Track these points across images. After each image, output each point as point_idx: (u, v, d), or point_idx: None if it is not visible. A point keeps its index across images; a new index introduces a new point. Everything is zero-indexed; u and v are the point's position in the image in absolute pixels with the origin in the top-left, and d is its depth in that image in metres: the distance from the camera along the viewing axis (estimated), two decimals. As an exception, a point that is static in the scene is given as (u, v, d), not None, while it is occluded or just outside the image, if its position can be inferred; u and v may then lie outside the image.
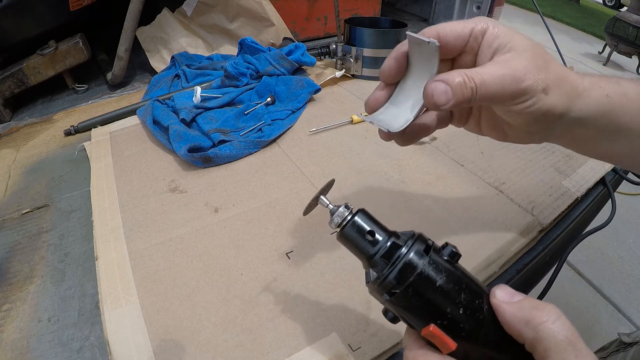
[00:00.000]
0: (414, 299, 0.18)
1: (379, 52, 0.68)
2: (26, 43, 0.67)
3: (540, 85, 0.24)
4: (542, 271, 0.46)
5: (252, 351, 0.28)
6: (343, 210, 0.22)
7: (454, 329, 0.18)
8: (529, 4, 4.55)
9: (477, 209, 0.40)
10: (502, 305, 0.20)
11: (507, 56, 0.25)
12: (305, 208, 0.25)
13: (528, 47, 0.25)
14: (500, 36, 0.26)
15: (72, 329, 0.31)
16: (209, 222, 0.39)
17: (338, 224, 0.21)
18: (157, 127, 0.54)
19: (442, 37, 0.26)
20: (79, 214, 0.42)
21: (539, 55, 0.25)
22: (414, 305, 0.18)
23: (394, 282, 0.18)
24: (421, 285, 0.18)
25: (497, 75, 0.24)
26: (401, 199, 0.41)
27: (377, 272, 0.20)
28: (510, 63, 0.24)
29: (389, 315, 0.20)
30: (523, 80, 0.24)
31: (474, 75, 0.24)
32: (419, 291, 0.18)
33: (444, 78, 0.24)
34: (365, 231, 0.21)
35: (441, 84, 0.24)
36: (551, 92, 0.25)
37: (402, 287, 0.18)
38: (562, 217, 0.42)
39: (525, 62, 0.24)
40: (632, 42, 3.36)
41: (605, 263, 1.49)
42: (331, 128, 0.55)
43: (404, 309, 0.19)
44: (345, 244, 0.21)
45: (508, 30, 0.26)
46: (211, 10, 0.75)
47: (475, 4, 0.99)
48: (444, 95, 0.24)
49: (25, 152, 0.55)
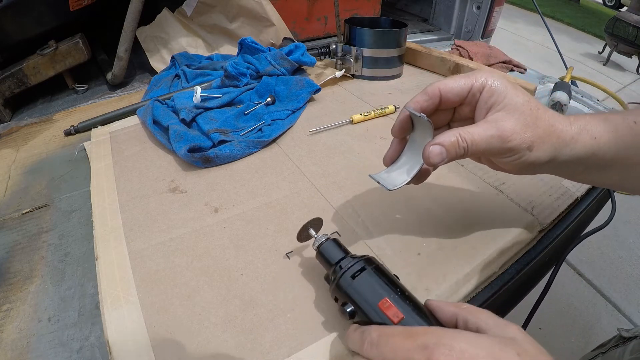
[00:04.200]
0: (366, 282, 0.26)
1: (379, 52, 0.68)
2: (26, 43, 0.67)
3: (525, 144, 0.28)
4: (542, 271, 0.46)
5: (252, 351, 0.28)
6: (321, 237, 0.31)
7: (399, 303, 0.25)
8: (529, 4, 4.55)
9: (477, 209, 0.40)
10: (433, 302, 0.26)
11: (498, 115, 0.28)
12: (297, 234, 0.32)
13: (519, 105, 0.28)
14: (496, 93, 0.29)
15: (72, 329, 0.31)
16: (209, 222, 0.39)
17: (316, 247, 0.30)
18: (157, 127, 0.54)
19: (443, 95, 0.30)
20: (79, 214, 0.42)
21: (529, 112, 0.28)
22: (367, 287, 0.26)
23: (356, 269, 0.27)
24: (368, 275, 0.27)
25: (486, 135, 0.28)
26: (401, 199, 0.41)
27: (336, 274, 0.28)
28: (499, 123, 0.28)
29: (347, 310, 0.26)
30: (509, 141, 0.28)
31: (466, 136, 0.28)
32: (368, 278, 0.27)
33: (439, 141, 0.28)
34: (331, 251, 0.30)
35: (436, 147, 0.28)
36: (536, 148, 0.28)
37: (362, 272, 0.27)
38: (562, 217, 0.42)
39: (514, 122, 0.28)
40: (632, 42, 3.36)
41: (605, 263, 1.49)
42: (331, 128, 0.55)
43: (361, 292, 0.26)
44: (319, 258, 0.30)
45: (504, 87, 0.29)
46: (211, 10, 0.75)
47: (475, 4, 0.99)
48: (439, 156, 0.28)
49: (25, 152, 0.55)
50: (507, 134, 0.28)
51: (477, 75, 0.30)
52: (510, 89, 0.29)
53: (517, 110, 0.28)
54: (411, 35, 1.03)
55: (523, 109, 0.28)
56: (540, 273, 0.46)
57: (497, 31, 1.09)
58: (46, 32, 0.67)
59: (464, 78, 0.30)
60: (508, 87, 0.29)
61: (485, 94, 0.29)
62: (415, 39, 1.01)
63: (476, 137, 0.28)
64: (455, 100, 0.30)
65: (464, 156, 0.29)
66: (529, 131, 0.28)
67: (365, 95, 0.65)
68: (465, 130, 0.28)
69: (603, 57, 3.85)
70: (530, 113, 0.28)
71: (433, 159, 0.28)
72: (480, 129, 0.28)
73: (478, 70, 0.31)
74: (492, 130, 0.28)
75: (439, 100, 0.30)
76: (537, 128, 0.28)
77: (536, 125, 0.28)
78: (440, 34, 1.07)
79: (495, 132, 0.28)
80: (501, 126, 0.28)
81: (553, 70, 1.72)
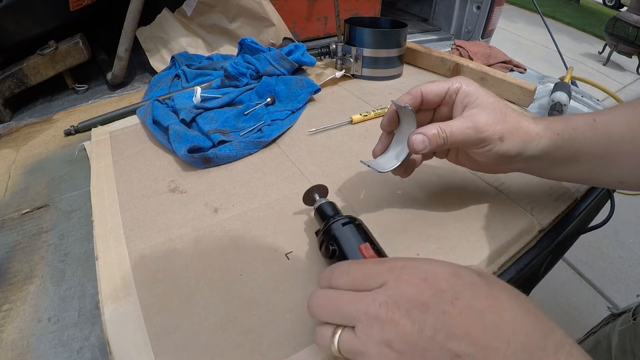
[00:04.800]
0: (353, 230, 0.31)
1: (379, 52, 0.68)
2: (26, 43, 0.67)
3: (497, 135, 0.32)
4: (542, 272, 0.46)
5: (252, 351, 0.28)
6: (319, 200, 0.36)
7: (378, 252, 0.29)
8: (529, 4, 4.55)
9: (477, 209, 0.40)
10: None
11: (473, 111, 0.33)
12: (303, 197, 0.36)
13: (490, 104, 0.33)
14: (470, 94, 0.34)
15: (72, 329, 0.31)
16: (209, 222, 0.39)
17: (317, 206, 0.35)
18: (157, 127, 0.54)
19: (424, 95, 0.35)
20: (79, 214, 0.43)
21: (498, 110, 0.33)
22: (353, 234, 0.30)
23: (347, 220, 0.32)
24: (355, 227, 0.31)
25: (463, 127, 0.32)
26: (400, 199, 0.41)
27: (329, 222, 0.32)
28: (474, 117, 0.32)
29: (331, 247, 0.30)
30: (483, 132, 0.32)
31: (445, 128, 0.32)
32: (356, 228, 0.31)
33: (422, 130, 0.32)
34: (328, 209, 0.35)
35: (419, 135, 0.32)
36: (506, 140, 0.33)
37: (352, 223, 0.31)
38: (562, 217, 0.42)
39: (486, 116, 0.32)
40: (632, 42, 3.36)
41: (605, 263, 1.49)
42: (331, 128, 0.55)
43: (347, 235, 0.30)
44: (316, 215, 0.35)
45: (476, 89, 0.34)
46: (211, 10, 0.75)
47: (475, 4, 0.99)
48: (422, 143, 0.32)
49: (25, 152, 0.55)
50: (481, 126, 0.32)
51: (453, 80, 0.35)
52: (482, 92, 0.34)
53: (488, 107, 0.33)
54: (411, 35, 1.03)
55: (493, 106, 0.33)
56: (540, 273, 0.46)
57: (497, 31, 1.09)
58: (46, 32, 0.67)
59: (442, 82, 0.35)
60: (480, 90, 0.34)
61: (461, 95, 0.34)
62: (415, 39, 1.01)
63: (454, 129, 0.32)
64: (435, 100, 0.35)
65: (444, 146, 0.32)
66: (499, 124, 0.32)
67: (365, 95, 0.65)
68: (444, 124, 0.32)
69: (603, 57, 3.86)
70: (499, 110, 0.33)
71: (417, 146, 0.32)
72: (457, 123, 0.32)
73: (454, 77, 0.35)
74: (467, 123, 0.32)
75: (421, 100, 0.35)
76: (507, 123, 0.33)
77: (505, 121, 0.33)
78: (440, 34, 1.07)
79: (471, 124, 0.32)
80: (476, 119, 0.32)
81: (553, 70, 1.72)
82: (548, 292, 1.35)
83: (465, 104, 0.34)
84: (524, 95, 0.61)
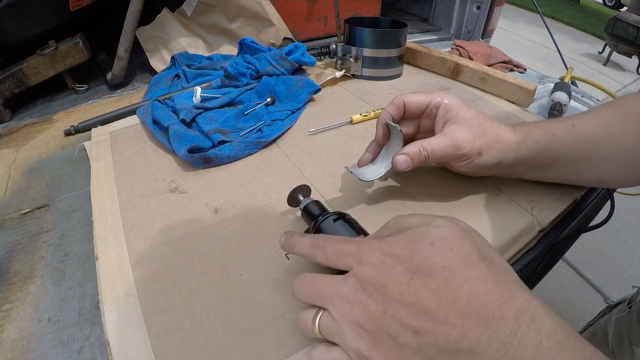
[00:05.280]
0: (344, 225, 0.31)
1: (379, 52, 0.68)
2: (26, 43, 0.67)
3: (475, 150, 0.35)
4: (541, 272, 0.46)
5: (252, 352, 0.28)
6: (304, 200, 0.36)
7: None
8: (529, 4, 4.55)
9: (477, 209, 0.40)
10: None
11: (453, 128, 0.35)
12: (287, 199, 0.36)
13: (469, 119, 0.35)
14: (450, 110, 0.36)
15: (73, 329, 0.31)
16: (209, 222, 0.39)
17: (303, 206, 0.35)
18: (157, 127, 0.54)
19: (407, 105, 0.37)
20: (79, 214, 0.43)
21: (477, 125, 0.35)
22: (345, 229, 0.31)
23: (337, 216, 0.32)
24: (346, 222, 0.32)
25: (443, 145, 0.35)
26: (400, 199, 0.41)
27: (318, 221, 0.32)
28: (454, 135, 0.35)
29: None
30: (462, 149, 0.34)
31: (427, 146, 0.35)
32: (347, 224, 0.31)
33: (405, 150, 0.35)
34: (315, 208, 0.35)
35: (402, 156, 0.35)
36: (484, 154, 0.35)
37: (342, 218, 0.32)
38: (562, 217, 0.42)
39: (466, 133, 0.34)
40: (632, 42, 3.36)
41: (605, 263, 1.50)
42: (331, 128, 0.55)
43: (338, 231, 0.31)
44: (304, 215, 0.35)
45: (457, 104, 0.36)
46: (211, 10, 0.75)
47: (475, 4, 0.99)
48: (404, 163, 0.35)
49: (25, 152, 0.55)
50: (460, 143, 0.34)
51: (435, 93, 0.37)
52: (462, 106, 0.36)
53: (467, 123, 0.35)
54: (411, 35, 1.03)
55: (473, 122, 0.35)
56: (540, 273, 0.47)
57: (497, 31, 1.09)
58: (46, 32, 0.67)
59: (424, 94, 0.37)
60: (460, 105, 0.36)
61: (442, 110, 0.36)
62: (415, 39, 1.01)
63: (435, 147, 0.35)
64: (417, 111, 0.37)
65: (426, 162, 0.35)
66: (478, 140, 0.34)
67: (365, 95, 0.65)
68: (426, 142, 0.35)
69: (603, 57, 3.86)
70: (479, 125, 0.35)
71: (400, 166, 0.35)
72: (438, 140, 0.35)
73: (436, 90, 0.38)
74: (447, 140, 0.35)
75: (404, 110, 0.37)
76: (485, 137, 0.35)
77: (484, 135, 0.35)
78: (440, 34, 1.07)
79: (450, 142, 0.34)
80: (455, 137, 0.34)
81: (553, 70, 1.72)
82: (548, 292, 1.35)
83: (446, 120, 0.36)
84: (524, 96, 0.61)
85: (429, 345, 0.20)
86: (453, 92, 0.38)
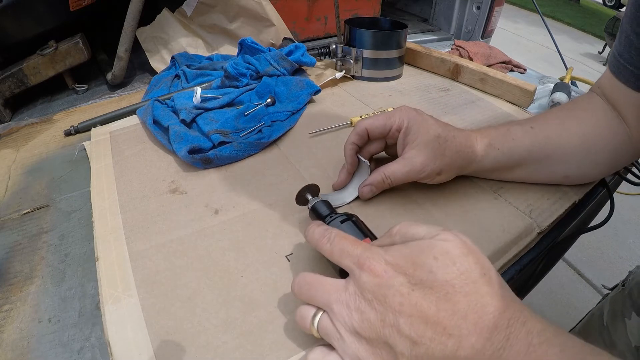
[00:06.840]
0: (352, 226, 0.32)
1: (379, 53, 0.68)
2: (26, 43, 0.66)
3: (435, 171, 0.37)
4: (541, 272, 0.46)
5: (252, 353, 0.28)
6: (312, 199, 0.36)
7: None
8: (529, 4, 4.55)
9: (475, 212, 0.40)
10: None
11: (412, 153, 0.37)
12: (296, 198, 0.37)
13: (429, 141, 0.36)
14: (410, 133, 0.37)
15: (73, 329, 0.31)
16: (209, 223, 0.39)
17: (311, 206, 0.36)
18: (157, 127, 0.54)
19: (369, 131, 0.39)
20: (79, 215, 0.43)
21: (437, 147, 0.36)
22: (352, 230, 0.31)
23: (345, 217, 0.32)
24: (354, 223, 0.32)
25: (404, 170, 0.37)
26: (399, 202, 0.41)
27: (326, 221, 0.33)
28: (413, 160, 0.37)
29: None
30: (422, 172, 0.37)
31: (389, 174, 0.38)
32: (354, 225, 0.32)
33: (369, 182, 0.39)
34: (323, 208, 0.35)
35: (367, 187, 0.39)
36: (444, 172, 0.38)
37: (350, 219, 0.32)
38: (561, 219, 0.42)
39: (424, 157, 0.36)
40: (632, 42, 3.34)
41: (605, 263, 1.50)
42: (331, 130, 0.55)
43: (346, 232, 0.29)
44: (312, 215, 0.36)
45: (417, 126, 0.37)
46: (211, 10, 0.75)
47: (475, 4, 0.99)
48: (369, 193, 0.40)
49: (25, 152, 0.55)
50: (419, 167, 0.37)
51: (395, 116, 0.38)
52: (422, 128, 0.37)
53: (427, 147, 0.36)
54: (411, 35, 1.03)
55: (433, 144, 0.36)
56: (539, 274, 0.47)
57: (497, 31, 1.09)
58: (46, 32, 0.67)
59: (384, 118, 0.38)
60: (420, 127, 0.37)
61: (402, 135, 0.38)
62: (415, 39, 1.01)
63: (397, 173, 0.37)
64: (379, 135, 0.40)
65: (390, 186, 0.39)
66: (437, 161, 0.37)
67: (365, 96, 0.65)
68: (388, 169, 0.38)
69: (603, 57, 3.85)
70: (439, 147, 0.36)
71: (366, 195, 0.40)
72: (399, 166, 0.37)
73: (397, 110, 0.39)
74: (408, 166, 0.37)
75: (367, 137, 0.40)
76: (445, 157, 0.37)
77: (444, 155, 0.37)
78: (440, 34, 1.07)
79: (411, 168, 0.37)
80: (414, 162, 0.37)
81: (553, 70, 1.72)
82: (548, 292, 1.35)
83: (406, 144, 0.38)
84: (523, 96, 0.61)
85: (426, 355, 0.20)
86: (416, 109, 0.39)
